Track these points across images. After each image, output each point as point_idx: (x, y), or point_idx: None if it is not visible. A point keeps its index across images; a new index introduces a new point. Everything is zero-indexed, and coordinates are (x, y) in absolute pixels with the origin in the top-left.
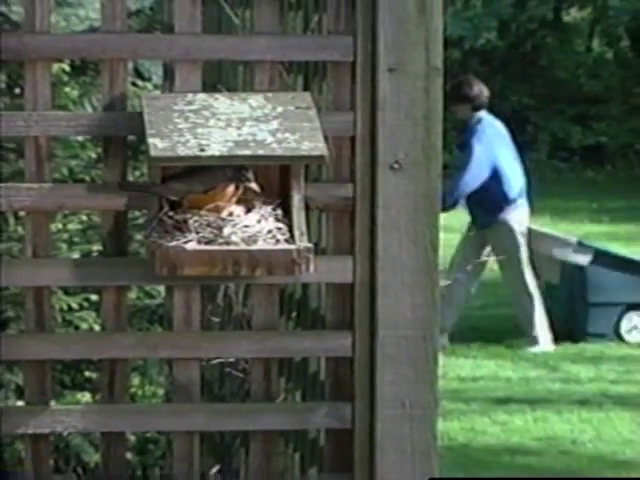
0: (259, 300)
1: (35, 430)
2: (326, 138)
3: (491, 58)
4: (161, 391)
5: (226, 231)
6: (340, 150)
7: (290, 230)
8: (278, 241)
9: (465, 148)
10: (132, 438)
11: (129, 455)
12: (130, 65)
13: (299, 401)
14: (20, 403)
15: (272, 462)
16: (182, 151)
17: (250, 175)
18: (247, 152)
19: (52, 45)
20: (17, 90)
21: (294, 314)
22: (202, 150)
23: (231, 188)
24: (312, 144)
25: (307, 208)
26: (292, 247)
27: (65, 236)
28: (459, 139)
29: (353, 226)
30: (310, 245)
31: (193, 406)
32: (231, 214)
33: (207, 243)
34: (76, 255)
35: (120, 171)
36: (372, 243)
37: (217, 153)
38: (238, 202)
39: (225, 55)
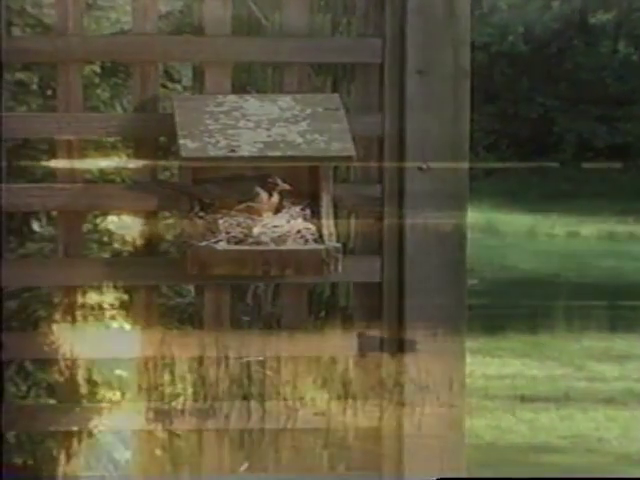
0: (288, 299)
1: (66, 428)
2: (354, 139)
3: (517, 61)
4: (190, 390)
5: (256, 231)
6: (368, 151)
7: (319, 230)
8: (307, 241)
9: None
10: (162, 436)
11: (159, 452)
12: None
13: None
14: (52, 401)
15: (301, 459)
16: (212, 152)
17: (277, 179)
18: (277, 153)
19: (84, 47)
20: (49, 92)
21: (323, 313)
22: (232, 151)
23: (264, 197)
24: (341, 145)
25: (335, 208)
26: (321, 247)
27: (96, 236)
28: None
29: (381, 226)
30: (338, 245)
31: (222, 404)
32: (260, 214)
33: (237, 243)
34: (107, 255)
35: (150, 172)
36: (400, 243)
37: (247, 154)
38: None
39: (254, 57)
